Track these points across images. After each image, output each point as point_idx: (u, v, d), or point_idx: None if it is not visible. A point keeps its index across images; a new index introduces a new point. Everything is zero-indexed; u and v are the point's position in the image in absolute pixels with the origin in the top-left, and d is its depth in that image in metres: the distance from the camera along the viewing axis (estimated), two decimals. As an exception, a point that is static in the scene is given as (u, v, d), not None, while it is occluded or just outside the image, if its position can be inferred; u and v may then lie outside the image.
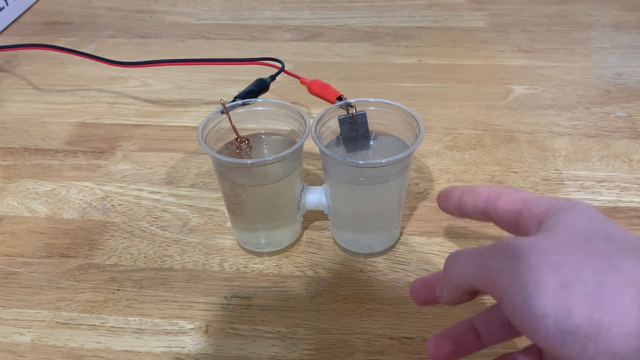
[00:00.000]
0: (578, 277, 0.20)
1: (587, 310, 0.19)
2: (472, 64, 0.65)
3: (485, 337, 0.28)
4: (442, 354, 0.27)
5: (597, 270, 0.20)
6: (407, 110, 0.38)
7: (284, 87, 0.58)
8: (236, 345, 0.36)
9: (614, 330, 0.18)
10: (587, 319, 0.19)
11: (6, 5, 0.76)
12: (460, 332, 0.28)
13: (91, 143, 0.54)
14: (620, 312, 0.18)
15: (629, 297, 0.19)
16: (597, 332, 0.18)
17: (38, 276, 0.41)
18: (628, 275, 0.19)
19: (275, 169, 0.37)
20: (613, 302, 0.19)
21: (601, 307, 0.19)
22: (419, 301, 0.29)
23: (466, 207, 0.27)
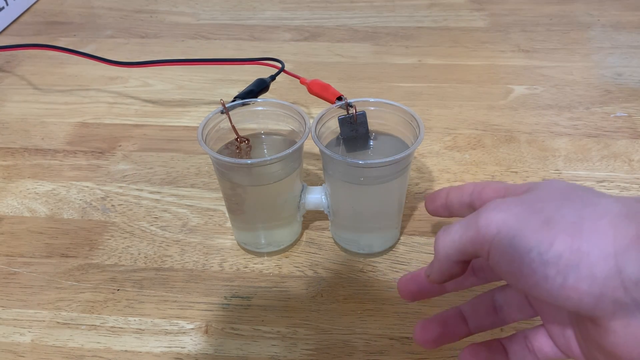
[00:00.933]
0: (559, 213, 0.20)
1: (567, 240, 0.20)
2: (472, 64, 0.65)
3: (472, 323, 0.28)
4: (428, 337, 0.27)
5: (576, 208, 0.20)
6: (407, 110, 0.38)
7: (284, 87, 0.58)
8: (236, 345, 0.36)
9: (593, 254, 0.19)
10: (567, 248, 0.19)
11: (6, 5, 0.76)
12: (447, 317, 0.28)
13: (91, 143, 0.54)
14: (598, 237, 0.19)
15: (606, 223, 0.19)
16: (578, 258, 0.19)
17: (38, 276, 0.41)
18: (605, 208, 0.20)
19: (275, 169, 0.37)
20: (591, 229, 0.19)
21: (580, 235, 0.19)
22: (407, 295, 0.29)
23: (453, 203, 0.28)
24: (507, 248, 0.21)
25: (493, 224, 0.22)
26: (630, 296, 0.18)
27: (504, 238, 0.21)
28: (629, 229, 0.19)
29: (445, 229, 0.25)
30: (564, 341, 0.25)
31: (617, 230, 0.19)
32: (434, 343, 0.28)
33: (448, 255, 0.24)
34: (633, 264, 0.18)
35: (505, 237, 0.21)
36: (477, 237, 0.22)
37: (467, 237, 0.23)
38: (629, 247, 0.18)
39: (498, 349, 0.27)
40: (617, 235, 0.19)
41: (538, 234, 0.20)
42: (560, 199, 0.21)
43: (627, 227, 0.19)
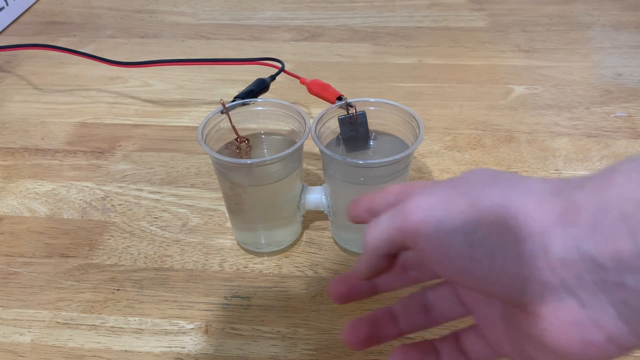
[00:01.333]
0: (485, 194, 0.20)
1: (493, 220, 0.19)
2: (472, 64, 0.65)
3: (402, 323, 0.27)
4: (357, 338, 0.26)
5: (502, 188, 0.20)
6: (407, 110, 0.38)
7: (284, 87, 0.58)
8: (236, 345, 0.36)
9: (521, 233, 0.18)
10: (493, 228, 0.19)
11: (6, 5, 0.76)
12: (377, 317, 0.27)
13: (91, 143, 0.54)
14: (523, 215, 0.18)
15: (532, 201, 0.19)
16: (504, 239, 0.18)
17: (38, 276, 0.41)
18: (530, 187, 0.19)
19: (275, 169, 0.37)
20: (516, 208, 0.19)
21: (505, 215, 0.19)
22: (337, 297, 0.28)
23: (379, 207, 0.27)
24: (433, 232, 0.20)
25: (419, 208, 0.21)
26: (557, 276, 0.17)
27: (431, 222, 0.20)
28: (554, 206, 0.18)
29: (374, 222, 0.24)
30: (495, 339, 0.24)
31: (542, 209, 0.18)
32: (363, 344, 0.26)
33: (377, 247, 0.23)
34: (558, 242, 0.17)
35: (432, 221, 0.20)
36: (404, 224, 0.21)
37: (395, 225, 0.22)
38: (555, 225, 0.18)
39: (429, 350, 0.26)
40: (542, 214, 0.18)
41: (464, 215, 0.19)
42: (487, 182, 0.21)
43: (552, 204, 0.18)
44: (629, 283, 0.16)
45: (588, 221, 0.17)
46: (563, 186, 0.19)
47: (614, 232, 0.16)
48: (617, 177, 0.17)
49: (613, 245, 0.16)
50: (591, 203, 0.17)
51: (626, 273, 0.16)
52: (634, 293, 0.16)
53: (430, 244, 0.20)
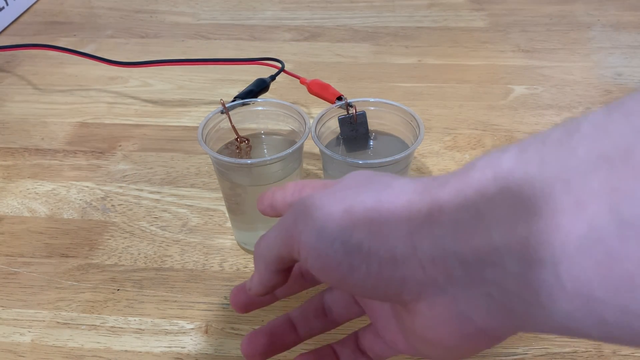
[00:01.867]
0: (359, 200, 0.20)
1: (367, 224, 0.19)
2: (472, 64, 0.65)
3: (301, 329, 0.27)
4: (255, 350, 0.26)
5: (375, 191, 0.20)
6: (407, 110, 0.38)
7: (284, 87, 0.58)
8: (236, 345, 0.36)
9: (392, 236, 0.18)
10: (367, 232, 0.19)
11: (6, 5, 0.76)
12: (275, 327, 0.27)
13: (91, 143, 0.54)
14: (394, 218, 0.19)
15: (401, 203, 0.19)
16: (378, 243, 0.18)
17: (38, 276, 0.41)
18: (400, 188, 0.19)
19: (275, 169, 0.37)
20: (389, 210, 0.19)
21: (379, 218, 0.19)
22: (239, 306, 0.28)
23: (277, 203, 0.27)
24: (313, 243, 0.20)
25: (300, 220, 0.21)
26: (428, 275, 0.18)
27: (310, 234, 0.20)
28: (421, 205, 0.18)
29: (261, 238, 0.24)
30: (390, 336, 0.24)
31: (411, 209, 0.18)
32: (261, 356, 0.26)
33: (267, 264, 0.23)
34: (426, 241, 0.18)
35: (311, 233, 0.20)
36: (287, 238, 0.21)
37: (280, 240, 0.22)
38: (422, 224, 0.18)
39: (328, 355, 0.27)
40: (411, 214, 0.18)
41: (340, 222, 0.19)
42: (363, 185, 0.21)
43: (419, 204, 0.18)
44: (489, 276, 0.16)
45: (450, 219, 0.17)
46: (429, 185, 0.19)
47: (472, 228, 0.17)
48: (473, 174, 0.17)
49: (472, 242, 0.17)
50: (452, 201, 0.17)
51: (486, 267, 0.16)
52: (495, 285, 0.16)
53: (311, 255, 0.20)
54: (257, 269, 0.24)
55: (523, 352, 0.35)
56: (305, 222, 0.20)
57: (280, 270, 0.23)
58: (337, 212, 0.20)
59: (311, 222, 0.20)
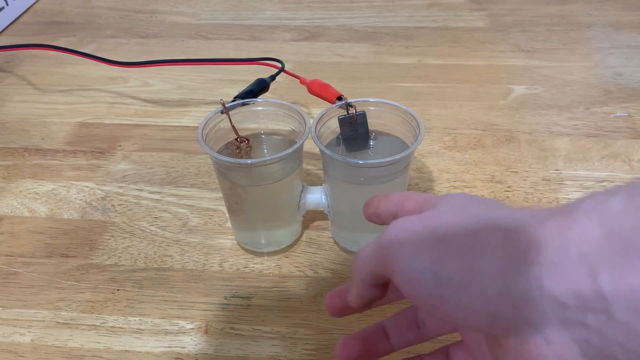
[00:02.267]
0: (452, 231, 0.20)
1: (458, 259, 0.19)
2: (472, 64, 0.65)
3: (394, 339, 0.28)
4: (350, 356, 0.27)
5: (470, 223, 0.20)
6: (407, 110, 0.38)
7: (284, 87, 0.58)
8: (236, 345, 0.36)
9: (483, 272, 0.18)
10: (459, 267, 0.19)
11: (6, 5, 0.76)
12: (369, 334, 0.28)
13: (91, 143, 0.54)
14: (487, 255, 0.19)
15: (496, 239, 0.19)
16: (469, 278, 0.19)
17: (38, 276, 0.41)
18: (495, 223, 0.20)
19: (275, 169, 0.37)
20: (482, 246, 0.19)
21: (472, 253, 0.19)
22: (333, 311, 0.28)
23: (382, 212, 0.28)
24: (406, 269, 0.20)
25: (395, 244, 0.21)
26: (520, 314, 0.18)
27: (404, 259, 0.21)
28: (517, 244, 0.18)
29: (357, 253, 0.25)
30: (481, 356, 0.24)
31: (505, 248, 0.18)
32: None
33: (363, 280, 0.24)
34: (522, 280, 0.18)
35: (405, 259, 0.21)
36: (382, 259, 0.22)
37: (375, 260, 0.22)
38: (518, 264, 0.18)
39: None
40: (505, 253, 0.18)
41: (432, 253, 0.20)
42: (458, 214, 0.21)
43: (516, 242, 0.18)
44: (591, 323, 0.16)
45: (549, 260, 0.17)
46: (528, 222, 0.19)
47: (574, 271, 0.16)
48: (577, 216, 0.17)
49: (573, 285, 0.16)
50: (553, 241, 0.17)
51: (587, 313, 0.16)
52: (596, 333, 0.16)
53: (404, 280, 0.21)
54: (355, 283, 0.25)
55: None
56: (399, 247, 0.21)
57: (377, 285, 0.24)
58: (430, 241, 0.20)
59: (405, 249, 0.21)
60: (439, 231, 0.20)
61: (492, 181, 0.48)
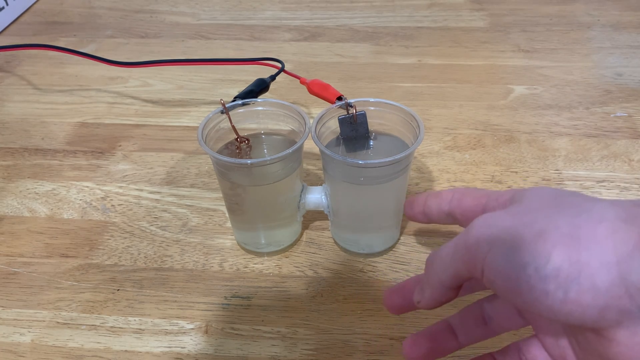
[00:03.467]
0: (552, 224, 0.20)
1: (564, 251, 0.19)
2: (472, 64, 0.65)
3: (461, 337, 0.27)
4: (418, 353, 0.27)
5: (570, 216, 0.20)
6: (407, 110, 0.38)
7: (284, 87, 0.58)
8: (236, 345, 0.36)
9: (594, 264, 0.18)
10: (566, 260, 0.19)
11: (6, 5, 0.76)
12: (436, 332, 0.27)
13: (91, 143, 0.54)
14: (597, 245, 0.18)
15: (604, 230, 0.19)
16: (578, 270, 0.18)
17: (38, 276, 0.41)
18: (600, 214, 0.19)
19: (275, 169, 0.37)
20: (589, 238, 0.19)
21: (578, 245, 0.19)
22: (393, 309, 0.28)
23: (431, 210, 0.27)
24: (501, 266, 0.20)
25: (484, 242, 0.21)
26: (636, 304, 0.18)
27: (498, 255, 0.20)
28: (630, 234, 0.18)
29: (434, 254, 0.24)
30: (558, 352, 0.24)
31: (617, 237, 0.18)
32: (424, 358, 0.27)
33: (442, 282, 0.23)
34: (636, 271, 0.17)
35: (499, 255, 0.20)
36: (469, 258, 0.21)
37: (459, 259, 0.22)
38: (632, 254, 0.18)
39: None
40: (618, 242, 0.18)
41: (533, 248, 0.19)
42: (551, 208, 0.21)
43: (627, 232, 0.18)
44: None
45: None
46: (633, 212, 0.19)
47: None
48: None
49: None
50: None
51: None
52: None
53: (498, 278, 0.20)
54: (431, 285, 0.24)
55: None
56: (491, 243, 0.20)
57: (454, 287, 0.24)
58: (529, 236, 0.20)
59: (500, 245, 0.20)
60: (536, 226, 0.20)
61: (492, 181, 0.48)
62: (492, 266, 0.20)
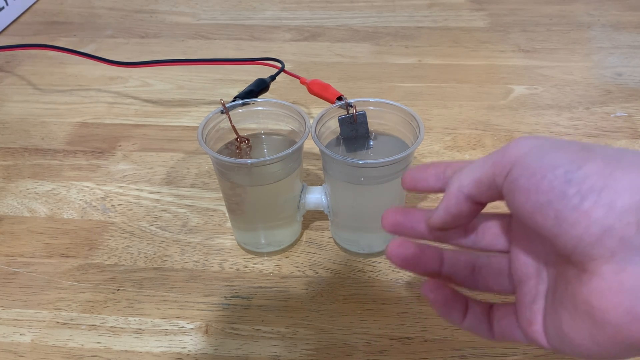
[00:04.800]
0: (597, 146, 0.20)
1: (600, 165, 0.19)
2: (472, 64, 0.65)
3: (445, 268, 0.27)
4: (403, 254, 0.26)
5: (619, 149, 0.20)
6: (407, 110, 0.38)
7: (284, 87, 0.58)
8: (236, 345, 0.36)
9: (621, 183, 0.18)
10: (598, 171, 0.19)
11: (6, 5, 0.76)
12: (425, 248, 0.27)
13: (91, 143, 0.54)
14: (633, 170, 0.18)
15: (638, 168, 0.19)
16: (603, 183, 0.18)
17: (38, 276, 0.41)
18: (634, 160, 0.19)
19: (275, 169, 0.37)
20: (630, 162, 0.19)
21: (616, 165, 0.19)
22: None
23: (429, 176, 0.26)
24: (533, 162, 0.20)
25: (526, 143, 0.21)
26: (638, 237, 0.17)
27: (534, 155, 0.20)
28: None
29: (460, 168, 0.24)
30: (527, 317, 0.24)
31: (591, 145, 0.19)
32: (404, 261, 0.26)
33: (461, 187, 0.23)
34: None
35: (535, 154, 0.20)
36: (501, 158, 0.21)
37: (489, 161, 0.22)
38: None
39: (460, 301, 0.26)
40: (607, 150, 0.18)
41: (573, 156, 0.19)
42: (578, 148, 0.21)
43: None
44: None
45: None
46: None
47: None
48: None
49: None
50: None
51: None
52: None
53: (523, 174, 0.20)
54: (447, 195, 0.23)
55: (523, 352, 0.35)
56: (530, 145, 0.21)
57: (471, 198, 0.23)
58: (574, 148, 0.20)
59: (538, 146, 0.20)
60: (580, 144, 0.20)
61: (492, 181, 0.48)
62: (523, 163, 0.20)
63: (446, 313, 0.26)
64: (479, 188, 0.22)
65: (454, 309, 0.26)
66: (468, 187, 0.23)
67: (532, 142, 0.21)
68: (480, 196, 0.23)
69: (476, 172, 0.22)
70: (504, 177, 0.21)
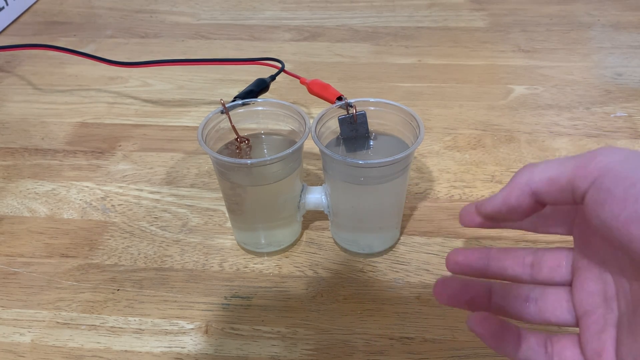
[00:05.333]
0: None
1: None
2: (472, 64, 0.65)
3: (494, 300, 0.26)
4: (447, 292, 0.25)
5: None
6: (407, 110, 0.38)
7: (284, 87, 0.58)
8: (236, 345, 0.36)
9: None
10: None
11: (6, 5, 0.76)
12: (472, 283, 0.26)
13: (91, 143, 0.54)
14: None
15: None
16: None
17: (38, 276, 0.41)
18: None
19: (275, 169, 0.37)
20: None
21: None
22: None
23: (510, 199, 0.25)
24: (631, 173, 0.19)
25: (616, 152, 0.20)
26: None
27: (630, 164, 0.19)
28: None
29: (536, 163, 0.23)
30: (596, 345, 0.23)
31: None
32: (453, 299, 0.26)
33: (530, 180, 0.22)
34: None
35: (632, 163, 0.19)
36: (587, 163, 0.20)
37: (569, 162, 0.21)
38: None
39: (512, 331, 0.25)
40: None
41: None
42: None
43: None
44: None
45: None
46: None
47: None
48: None
49: None
50: None
51: None
52: None
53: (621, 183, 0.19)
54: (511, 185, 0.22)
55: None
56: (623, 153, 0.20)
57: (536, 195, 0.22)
58: None
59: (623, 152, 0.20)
60: None
61: (492, 181, 0.48)
62: (617, 172, 0.19)
63: (496, 346, 0.25)
64: (551, 187, 0.22)
65: (505, 341, 0.25)
66: (538, 183, 0.22)
67: (622, 152, 0.20)
68: (547, 195, 0.22)
69: (552, 171, 0.21)
70: (589, 183, 0.20)
